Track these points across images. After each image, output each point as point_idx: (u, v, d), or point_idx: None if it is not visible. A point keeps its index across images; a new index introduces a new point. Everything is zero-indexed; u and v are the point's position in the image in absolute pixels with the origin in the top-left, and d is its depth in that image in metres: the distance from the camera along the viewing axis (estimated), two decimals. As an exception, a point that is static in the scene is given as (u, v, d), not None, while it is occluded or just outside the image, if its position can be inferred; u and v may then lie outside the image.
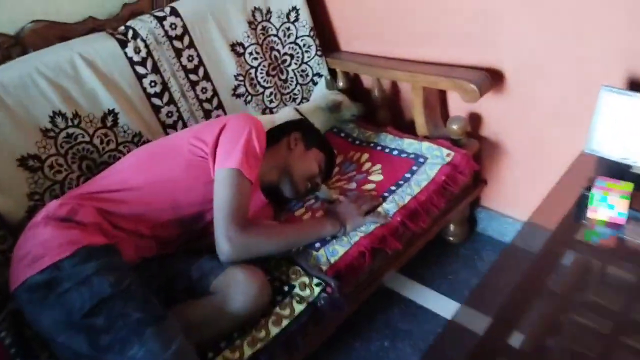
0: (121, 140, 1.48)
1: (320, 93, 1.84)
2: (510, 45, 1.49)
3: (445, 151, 1.58)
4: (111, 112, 1.45)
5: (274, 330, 1.17)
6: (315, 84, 1.89)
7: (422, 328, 1.63)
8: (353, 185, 1.57)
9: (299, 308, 1.21)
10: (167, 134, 1.58)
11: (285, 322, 1.19)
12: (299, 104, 1.87)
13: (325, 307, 1.22)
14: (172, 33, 1.53)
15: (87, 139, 1.42)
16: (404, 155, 1.64)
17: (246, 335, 1.16)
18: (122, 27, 1.49)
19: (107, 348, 0.98)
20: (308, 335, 1.23)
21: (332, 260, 1.31)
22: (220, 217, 1.18)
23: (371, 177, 1.58)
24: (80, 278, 1.02)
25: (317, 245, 1.33)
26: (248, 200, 1.23)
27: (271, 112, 1.79)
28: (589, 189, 1.15)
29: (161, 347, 0.96)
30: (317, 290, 1.23)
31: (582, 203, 1.17)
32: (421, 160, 1.59)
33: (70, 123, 1.38)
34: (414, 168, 1.57)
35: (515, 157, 1.69)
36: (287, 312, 1.20)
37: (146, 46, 1.48)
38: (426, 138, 1.68)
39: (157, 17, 1.51)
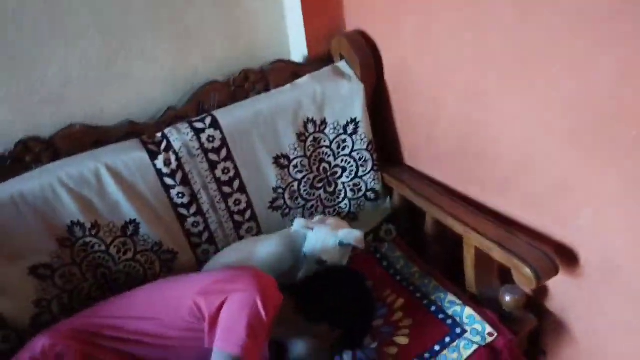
0: (140, 249, 1.43)
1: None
2: (589, 231, 1.20)
3: (488, 329, 1.33)
4: (132, 221, 1.40)
5: None
6: (368, 199, 1.71)
7: None
8: (374, 344, 1.38)
9: None
10: (190, 242, 1.51)
11: None
12: (343, 218, 1.70)
13: None
14: (208, 146, 1.44)
15: (103, 248, 1.38)
16: (441, 316, 1.41)
17: None
18: (159, 135, 1.43)
19: None
20: None
21: None
22: None
23: (396, 338, 1.38)
24: None
25: None
26: None
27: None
28: None
29: None
30: None
31: None
32: (458, 331, 1.36)
33: (88, 233, 1.35)
34: (447, 340, 1.34)
35: (580, 344, 1.39)
36: None
37: (177, 159, 1.41)
38: (473, 299, 1.44)
39: (195, 129, 1.43)
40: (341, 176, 1.68)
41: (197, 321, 1.15)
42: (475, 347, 1.31)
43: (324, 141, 1.61)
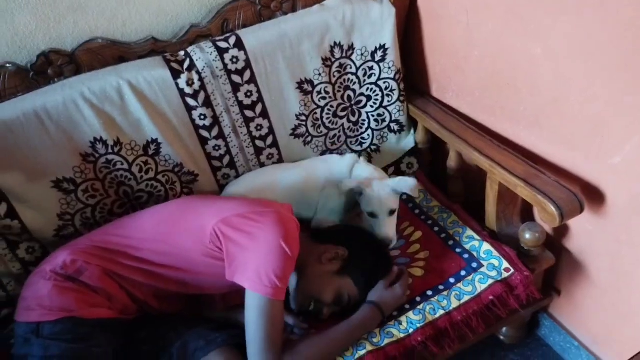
0: (161, 169, 1.43)
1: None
2: (622, 169, 1.16)
3: (505, 264, 1.33)
4: (154, 141, 1.39)
5: None
6: (391, 131, 1.68)
7: None
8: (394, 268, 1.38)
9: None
10: (211, 165, 1.50)
11: None
12: (365, 149, 1.68)
13: None
14: (232, 67, 1.40)
15: (126, 166, 1.38)
16: (458, 250, 1.41)
17: None
18: (182, 53, 1.39)
19: None
20: None
21: (327, 375, 1.19)
22: (252, 349, 1.10)
23: (411, 270, 1.39)
24: (43, 354, 1.04)
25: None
26: (281, 326, 1.14)
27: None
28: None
29: None
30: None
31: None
32: (474, 265, 1.36)
33: (110, 150, 1.35)
34: (462, 273, 1.35)
35: (598, 284, 1.38)
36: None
37: (200, 79, 1.38)
38: (492, 235, 1.43)
39: (218, 49, 1.39)
40: (365, 105, 1.63)
41: (218, 249, 1.16)
42: (490, 281, 1.31)
43: (350, 67, 1.56)
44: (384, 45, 1.54)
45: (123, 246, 1.20)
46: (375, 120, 1.66)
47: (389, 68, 1.57)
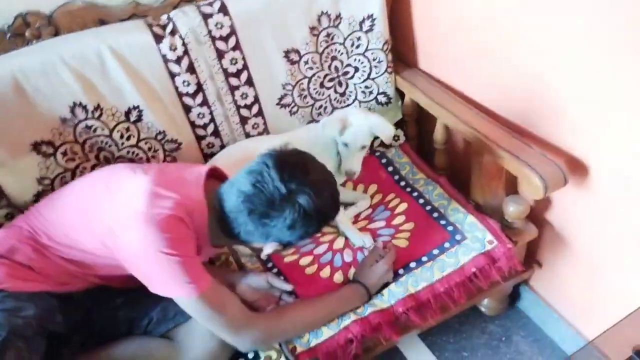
0: (143, 136, 1.40)
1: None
2: (605, 143, 1.16)
3: (489, 237, 1.34)
4: (136, 107, 1.36)
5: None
6: (379, 103, 1.66)
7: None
8: (379, 242, 1.39)
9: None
10: (195, 134, 1.48)
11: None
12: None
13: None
14: (216, 33, 1.37)
15: (106, 132, 1.35)
16: (442, 222, 1.42)
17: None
18: (164, 17, 1.35)
19: None
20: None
21: (313, 342, 1.19)
22: (224, 335, 1.09)
23: (395, 241, 1.39)
24: None
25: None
26: (231, 298, 1.11)
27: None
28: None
29: None
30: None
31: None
32: (458, 237, 1.36)
33: (90, 115, 1.32)
34: (446, 245, 1.36)
35: (578, 257, 1.40)
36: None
37: (184, 44, 1.34)
38: (477, 208, 1.43)
39: (202, 14, 1.35)
40: (353, 77, 1.61)
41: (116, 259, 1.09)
42: (474, 254, 1.32)
43: (338, 37, 1.53)
44: (372, 15, 1.52)
45: (44, 233, 1.14)
46: (363, 92, 1.64)
47: (377, 39, 1.55)
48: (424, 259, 1.34)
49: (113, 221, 1.05)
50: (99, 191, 1.14)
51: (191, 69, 1.38)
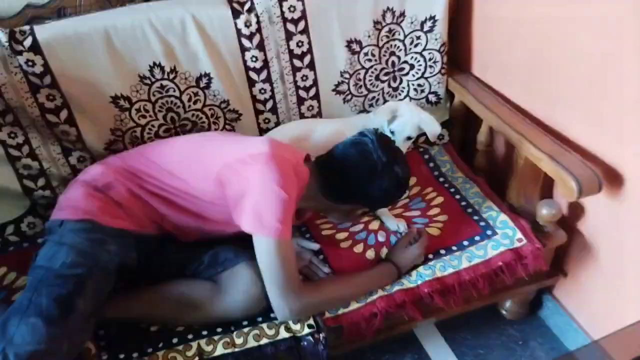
0: (209, 102, 1.54)
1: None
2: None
3: (519, 235, 1.40)
4: (207, 75, 1.49)
5: (251, 343, 1.22)
6: (428, 102, 1.74)
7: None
8: (413, 227, 1.47)
9: (282, 335, 1.24)
10: (255, 108, 1.60)
11: (264, 341, 1.23)
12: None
13: (306, 349, 1.23)
14: (288, 15, 1.49)
15: (177, 94, 1.49)
16: (475, 217, 1.49)
17: (226, 335, 1.23)
18: (245, -6, 1.49)
19: (13, 307, 1.07)
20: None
21: (340, 310, 1.28)
22: (273, 291, 1.18)
23: (429, 229, 1.47)
24: (58, 240, 1.15)
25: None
26: (294, 263, 1.19)
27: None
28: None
29: (27, 341, 1.00)
30: (306, 329, 1.23)
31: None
32: (489, 232, 1.43)
33: (166, 76, 1.46)
34: (476, 238, 1.43)
35: (604, 269, 1.44)
36: (271, 332, 1.24)
37: (258, 22, 1.47)
38: (510, 209, 1.50)
39: (280, -5, 1.48)
40: (408, 73, 1.70)
41: (222, 192, 1.22)
42: (502, 249, 1.38)
43: (399, 34, 1.63)
44: (434, 16, 1.61)
45: (146, 174, 1.28)
46: (415, 90, 1.72)
47: (436, 39, 1.64)
48: (454, 248, 1.41)
49: (235, 159, 1.23)
50: (217, 139, 1.37)
51: (261, 46, 1.50)
